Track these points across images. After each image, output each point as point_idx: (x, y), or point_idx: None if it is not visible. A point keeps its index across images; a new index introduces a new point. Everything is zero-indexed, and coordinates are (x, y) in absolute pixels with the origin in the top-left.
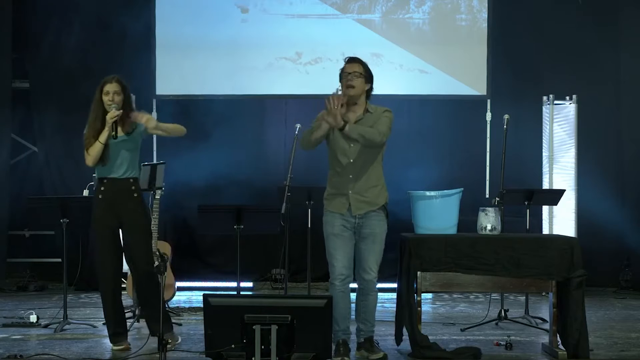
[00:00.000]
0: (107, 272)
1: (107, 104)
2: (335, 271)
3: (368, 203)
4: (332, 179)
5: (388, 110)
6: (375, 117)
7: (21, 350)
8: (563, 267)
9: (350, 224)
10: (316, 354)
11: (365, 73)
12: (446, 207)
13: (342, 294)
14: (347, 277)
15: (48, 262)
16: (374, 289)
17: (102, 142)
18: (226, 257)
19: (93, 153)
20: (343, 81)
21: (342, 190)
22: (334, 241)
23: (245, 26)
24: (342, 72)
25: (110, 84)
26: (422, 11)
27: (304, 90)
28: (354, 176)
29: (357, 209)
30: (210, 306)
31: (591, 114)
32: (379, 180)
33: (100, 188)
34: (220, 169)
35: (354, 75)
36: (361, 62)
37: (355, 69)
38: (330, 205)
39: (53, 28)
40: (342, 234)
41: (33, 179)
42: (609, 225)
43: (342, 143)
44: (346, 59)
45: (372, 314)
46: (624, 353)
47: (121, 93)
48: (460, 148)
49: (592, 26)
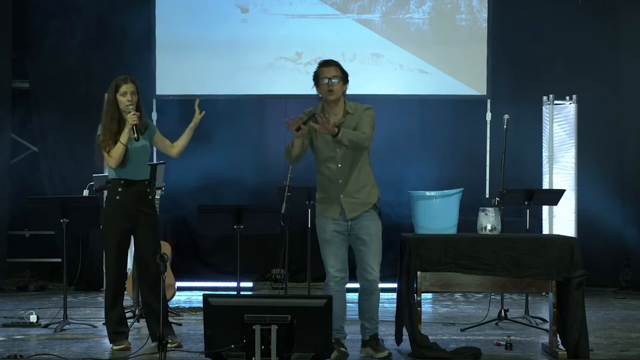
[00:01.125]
0: (114, 271)
1: (126, 105)
2: (329, 273)
3: (361, 204)
4: (321, 184)
5: (369, 107)
6: (357, 117)
7: (21, 350)
8: (563, 267)
9: (342, 227)
10: (316, 354)
11: (342, 74)
12: (446, 207)
13: (337, 294)
14: (342, 279)
15: (48, 262)
16: (377, 288)
17: (124, 144)
18: (226, 257)
19: (116, 155)
20: (322, 86)
21: (334, 195)
22: (327, 246)
23: (245, 26)
24: (320, 77)
25: (126, 84)
26: (422, 11)
27: (304, 90)
28: (344, 180)
29: (351, 212)
30: (210, 306)
31: (591, 114)
32: (369, 179)
33: (118, 189)
34: (220, 169)
35: (334, 79)
36: (337, 64)
37: (333, 72)
38: (323, 212)
39: (53, 28)
40: (333, 239)
41: (33, 179)
42: (609, 225)
43: (327, 151)
44: (321, 62)
45: (376, 311)
46: (624, 353)
47: (136, 93)
48: (460, 148)
49: (592, 26)
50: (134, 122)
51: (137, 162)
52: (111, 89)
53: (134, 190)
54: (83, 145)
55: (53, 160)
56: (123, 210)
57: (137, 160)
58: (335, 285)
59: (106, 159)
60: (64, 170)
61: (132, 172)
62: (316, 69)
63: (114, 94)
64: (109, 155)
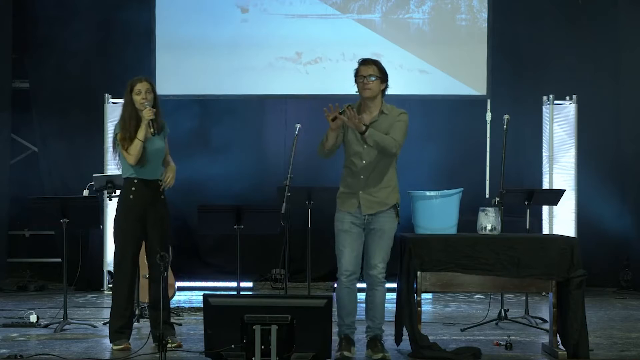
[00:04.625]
0: (129, 270)
1: (140, 102)
2: (341, 267)
3: (378, 203)
4: (345, 179)
5: (404, 112)
6: (391, 119)
7: (21, 350)
8: (563, 267)
9: (359, 221)
10: (316, 353)
11: (380, 74)
12: (446, 207)
13: (348, 290)
14: (353, 274)
15: (48, 262)
16: (379, 284)
17: (141, 140)
18: (226, 257)
19: (135, 152)
20: (359, 83)
21: (354, 189)
22: (344, 237)
23: (245, 26)
24: (357, 75)
25: (141, 82)
26: (422, 11)
27: (304, 90)
28: (365, 177)
29: (367, 208)
30: (210, 306)
31: (591, 114)
32: (391, 182)
33: (131, 188)
34: (220, 169)
35: (370, 77)
36: (376, 62)
37: (370, 71)
38: (342, 206)
39: (53, 28)
40: (350, 230)
41: (33, 179)
42: (609, 225)
43: (355, 145)
44: (360, 61)
45: (379, 310)
46: (624, 353)
47: (152, 92)
48: (460, 148)
49: (592, 26)
50: (150, 117)
51: (155, 163)
52: (126, 90)
53: (147, 190)
54: (83, 145)
55: (53, 160)
56: (137, 209)
57: (155, 161)
58: (346, 281)
59: (124, 157)
60: (64, 170)
61: (149, 172)
62: (357, 66)
63: (130, 94)
64: (127, 152)
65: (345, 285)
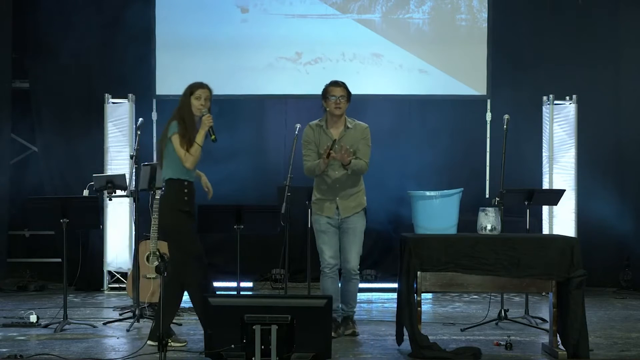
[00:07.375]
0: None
1: (198, 108)
2: (324, 261)
3: (354, 207)
4: (319, 187)
5: (366, 127)
6: (356, 134)
7: (21, 350)
8: (563, 267)
9: (334, 222)
10: (316, 353)
11: (348, 94)
12: (446, 207)
13: (332, 280)
14: (335, 265)
15: (48, 262)
16: (354, 276)
17: (200, 144)
18: (226, 257)
19: (196, 154)
20: (331, 103)
21: (329, 197)
22: (322, 237)
23: (245, 26)
24: (329, 94)
25: (202, 89)
26: (422, 11)
27: (304, 90)
28: (341, 185)
29: (345, 211)
30: (210, 306)
31: (591, 114)
32: (361, 186)
33: (184, 190)
34: (220, 169)
35: (341, 98)
36: (344, 84)
37: (341, 93)
38: (320, 210)
39: (53, 28)
40: (327, 230)
41: (33, 179)
42: (609, 225)
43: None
44: (331, 82)
45: (353, 297)
46: (624, 353)
47: (209, 99)
48: (460, 148)
49: (592, 26)
50: (210, 124)
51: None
52: (186, 92)
53: (194, 191)
54: (83, 145)
55: (53, 160)
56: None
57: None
58: (329, 272)
59: (181, 159)
60: (64, 170)
61: (194, 174)
62: (326, 86)
63: (189, 97)
64: (190, 153)
65: (329, 276)
